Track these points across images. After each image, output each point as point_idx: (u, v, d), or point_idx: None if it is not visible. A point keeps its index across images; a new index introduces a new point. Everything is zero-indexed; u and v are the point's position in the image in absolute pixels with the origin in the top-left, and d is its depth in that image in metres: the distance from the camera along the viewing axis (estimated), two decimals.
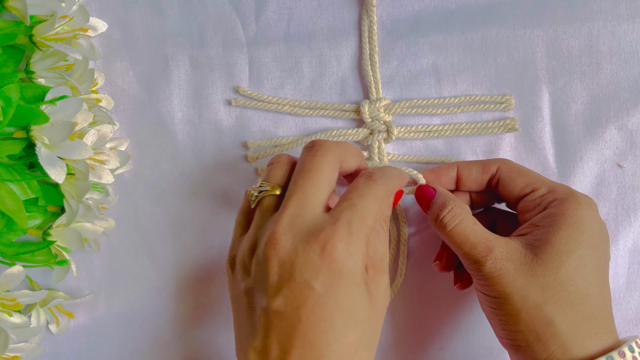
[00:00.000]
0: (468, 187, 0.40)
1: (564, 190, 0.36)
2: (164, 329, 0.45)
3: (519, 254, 0.34)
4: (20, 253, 0.39)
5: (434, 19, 0.43)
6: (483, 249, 0.35)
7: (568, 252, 0.34)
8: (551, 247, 0.34)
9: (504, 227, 0.40)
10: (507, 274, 0.34)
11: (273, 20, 0.44)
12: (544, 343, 0.33)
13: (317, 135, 0.43)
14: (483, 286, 0.35)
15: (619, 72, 0.43)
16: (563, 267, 0.33)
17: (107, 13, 0.44)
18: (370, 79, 0.43)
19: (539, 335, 0.33)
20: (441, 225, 0.36)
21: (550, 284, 0.33)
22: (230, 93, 0.44)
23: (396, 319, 0.44)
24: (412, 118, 0.44)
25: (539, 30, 0.43)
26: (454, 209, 0.36)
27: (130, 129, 0.44)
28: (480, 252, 0.35)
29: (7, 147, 0.36)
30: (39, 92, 0.38)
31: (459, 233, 0.36)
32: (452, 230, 0.36)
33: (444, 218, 0.36)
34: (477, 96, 0.43)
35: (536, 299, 0.33)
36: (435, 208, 0.37)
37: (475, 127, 0.43)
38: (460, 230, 0.36)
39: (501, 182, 0.38)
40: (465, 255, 0.35)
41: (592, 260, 0.34)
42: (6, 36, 0.37)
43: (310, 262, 0.30)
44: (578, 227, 0.34)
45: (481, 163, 0.39)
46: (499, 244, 0.35)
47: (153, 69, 0.44)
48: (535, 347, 0.33)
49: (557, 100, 0.43)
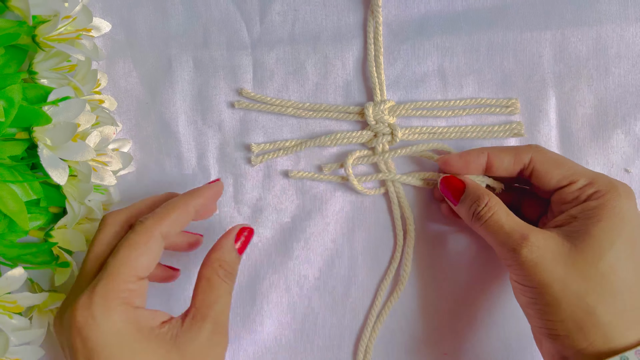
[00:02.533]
0: (497, 175, 0.39)
1: (604, 181, 0.36)
2: None
3: (556, 243, 0.34)
4: (22, 254, 0.39)
5: (440, 21, 0.43)
6: (518, 237, 0.34)
7: (609, 243, 0.33)
8: (591, 238, 0.34)
9: (529, 215, 0.40)
10: (544, 261, 0.34)
11: (277, 22, 0.43)
12: (585, 332, 0.33)
13: (322, 138, 0.43)
14: (519, 276, 0.35)
15: (626, 75, 0.42)
16: (604, 258, 0.33)
17: (111, 13, 0.44)
18: (374, 81, 0.43)
19: (580, 325, 0.33)
20: (477, 218, 0.37)
21: (592, 274, 0.33)
22: (234, 95, 0.44)
23: (401, 324, 0.43)
24: (417, 120, 0.43)
25: (546, 33, 0.42)
26: (489, 202, 0.36)
27: (133, 130, 0.44)
28: (515, 240, 0.34)
29: (9, 148, 0.36)
30: (42, 92, 0.37)
31: (494, 223, 0.36)
32: (487, 221, 0.36)
33: (481, 211, 0.36)
34: (482, 99, 0.43)
35: (577, 288, 0.33)
36: (469, 201, 0.37)
37: (480, 131, 0.43)
38: (495, 220, 0.36)
39: (535, 174, 0.38)
40: (501, 244, 0.35)
41: (632, 252, 0.34)
42: (9, 36, 0.37)
43: (69, 341, 0.31)
44: (619, 220, 0.34)
45: (513, 151, 0.38)
46: (535, 232, 0.35)
47: (156, 70, 0.44)
48: (575, 336, 0.33)
49: (563, 104, 0.43)
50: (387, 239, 0.44)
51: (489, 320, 0.43)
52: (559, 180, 0.37)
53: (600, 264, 0.33)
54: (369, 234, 0.44)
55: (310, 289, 0.44)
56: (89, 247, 0.35)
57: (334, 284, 0.43)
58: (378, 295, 0.43)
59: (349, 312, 0.43)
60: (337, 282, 0.44)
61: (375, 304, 0.43)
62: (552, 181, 0.37)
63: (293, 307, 0.43)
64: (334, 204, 0.44)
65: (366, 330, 0.43)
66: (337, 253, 0.44)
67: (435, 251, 0.43)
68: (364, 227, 0.44)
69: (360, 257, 0.44)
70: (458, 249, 0.43)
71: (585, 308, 0.33)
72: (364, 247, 0.44)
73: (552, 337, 0.34)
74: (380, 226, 0.44)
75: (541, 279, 0.34)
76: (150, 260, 0.33)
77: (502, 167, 0.38)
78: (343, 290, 0.44)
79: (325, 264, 0.44)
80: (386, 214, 0.44)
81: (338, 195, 0.44)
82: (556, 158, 0.38)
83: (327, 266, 0.44)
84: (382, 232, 0.44)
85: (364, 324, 0.43)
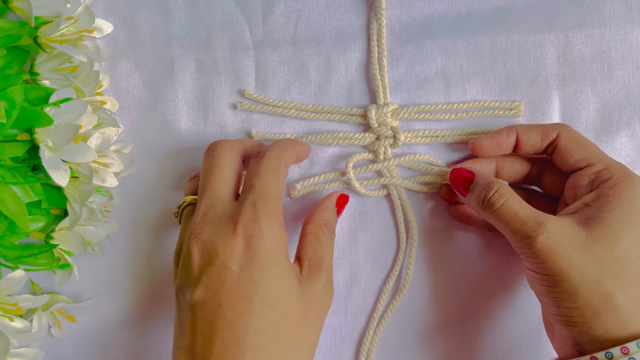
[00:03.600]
0: (525, 152, 0.40)
1: (619, 169, 0.36)
2: (168, 334, 0.44)
3: (572, 230, 0.34)
4: (23, 256, 0.39)
5: (443, 23, 0.43)
6: (534, 223, 0.34)
7: (623, 230, 0.34)
8: (606, 224, 0.34)
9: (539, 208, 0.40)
10: (561, 248, 0.33)
11: (280, 23, 0.43)
12: (603, 319, 0.33)
13: (324, 134, 0.43)
14: (535, 264, 0.35)
15: (630, 78, 0.42)
16: (619, 244, 0.33)
17: (113, 14, 0.44)
18: (378, 83, 0.42)
19: (598, 311, 0.33)
20: (488, 205, 0.36)
21: (608, 260, 0.33)
22: (236, 96, 0.44)
23: (402, 326, 0.43)
24: (420, 123, 0.43)
25: (550, 36, 0.42)
26: (500, 189, 0.36)
27: (135, 132, 0.44)
28: (531, 227, 0.34)
29: (11, 149, 0.36)
30: (43, 94, 0.37)
31: (507, 210, 0.35)
32: (499, 208, 0.36)
33: (492, 197, 0.36)
34: (485, 102, 0.43)
35: (595, 274, 0.33)
36: (479, 189, 0.37)
37: (483, 134, 0.42)
38: (509, 207, 0.35)
39: (558, 150, 0.38)
40: (515, 232, 0.35)
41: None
42: (11, 37, 0.37)
43: (225, 244, 0.33)
44: (633, 208, 0.34)
45: (541, 128, 0.39)
46: (551, 219, 0.34)
47: (158, 71, 0.44)
48: (592, 323, 0.33)
49: (567, 107, 0.43)
50: (390, 241, 0.43)
51: (492, 322, 0.43)
52: (578, 160, 0.37)
53: (615, 250, 0.33)
54: (372, 237, 0.43)
55: None
56: (214, 170, 0.37)
57: (336, 286, 0.43)
58: (380, 298, 0.43)
59: (351, 316, 0.43)
60: (339, 284, 0.43)
61: (378, 307, 0.43)
62: (571, 160, 0.37)
63: None
64: None
65: (368, 335, 0.43)
66: (340, 255, 0.43)
67: (438, 254, 0.43)
68: (366, 230, 0.43)
69: (362, 260, 0.43)
70: (461, 252, 0.43)
71: (603, 294, 0.33)
72: (367, 249, 0.43)
73: (568, 324, 0.34)
74: (382, 229, 0.43)
75: (558, 267, 0.33)
76: (283, 184, 0.36)
77: (530, 143, 0.39)
78: (345, 293, 0.43)
79: None
80: (389, 217, 0.43)
81: None
82: (581, 139, 0.38)
83: None
84: (384, 234, 0.43)
85: (366, 326, 0.43)
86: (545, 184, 0.41)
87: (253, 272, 0.32)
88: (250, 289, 0.32)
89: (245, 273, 0.32)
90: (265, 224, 0.33)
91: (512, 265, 0.43)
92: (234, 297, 0.32)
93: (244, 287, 0.32)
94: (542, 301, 0.36)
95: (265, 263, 0.32)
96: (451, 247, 0.43)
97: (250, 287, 0.32)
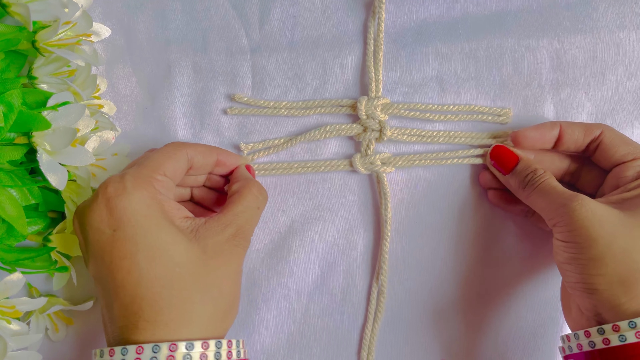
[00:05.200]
0: (566, 147, 0.40)
1: None
2: None
3: (606, 207, 0.35)
4: (20, 259, 0.39)
5: (438, 27, 0.43)
6: (570, 194, 0.36)
7: None
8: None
9: None
10: (594, 217, 0.34)
11: (277, 28, 0.44)
12: (627, 287, 0.33)
13: (311, 131, 0.43)
14: (565, 233, 0.35)
15: (623, 83, 0.43)
16: None
17: (111, 18, 0.44)
18: (371, 76, 0.43)
19: (623, 279, 0.33)
20: (531, 183, 0.38)
21: (639, 235, 0.34)
22: (232, 100, 0.44)
23: (396, 328, 0.43)
24: (411, 123, 0.44)
25: (544, 41, 0.43)
26: (539, 170, 0.38)
27: (132, 135, 0.44)
28: (568, 196, 0.36)
29: (9, 152, 0.36)
30: (41, 97, 0.38)
31: (547, 185, 0.37)
32: (540, 185, 0.38)
33: (535, 177, 0.38)
34: (476, 106, 0.43)
35: (625, 244, 0.34)
36: (523, 172, 0.39)
37: (469, 137, 0.43)
38: (548, 183, 0.38)
39: (602, 147, 0.39)
40: (552, 202, 0.36)
41: None
42: (9, 41, 0.37)
43: (90, 210, 0.34)
44: None
45: (584, 126, 0.40)
46: (586, 195, 0.36)
47: (156, 75, 0.44)
48: (615, 290, 0.33)
49: (561, 111, 0.43)
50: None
51: (490, 320, 0.43)
52: (624, 155, 0.38)
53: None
54: (367, 236, 0.44)
55: (307, 292, 0.44)
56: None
57: (333, 285, 0.44)
58: (371, 298, 0.43)
59: (347, 317, 0.44)
60: (336, 284, 0.44)
61: (370, 305, 0.43)
62: (617, 155, 0.38)
63: (291, 312, 0.44)
64: (331, 207, 0.44)
65: (366, 335, 0.43)
66: (336, 258, 0.44)
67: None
68: (362, 229, 0.44)
69: (357, 257, 0.44)
70: (461, 251, 0.43)
71: (630, 264, 0.33)
72: (359, 245, 0.44)
73: (589, 291, 0.34)
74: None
75: (588, 234, 0.34)
76: (175, 167, 0.37)
77: (573, 139, 0.40)
78: (341, 294, 0.44)
79: (323, 265, 0.44)
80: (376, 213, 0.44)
81: (335, 200, 0.44)
82: (624, 136, 0.39)
83: (327, 267, 0.44)
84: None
85: (363, 324, 0.44)
86: (583, 181, 0.41)
87: (126, 230, 0.33)
88: (130, 246, 0.33)
89: (119, 233, 0.33)
90: (130, 184, 0.34)
91: (512, 265, 0.43)
92: (117, 257, 0.33)
93: (123, 246, 0.33)
94: (566, 270, 0.36)
95: (137, 219, 0.33)
96: (451, 247, 0.43)
97: (128, 244, 0.33)
